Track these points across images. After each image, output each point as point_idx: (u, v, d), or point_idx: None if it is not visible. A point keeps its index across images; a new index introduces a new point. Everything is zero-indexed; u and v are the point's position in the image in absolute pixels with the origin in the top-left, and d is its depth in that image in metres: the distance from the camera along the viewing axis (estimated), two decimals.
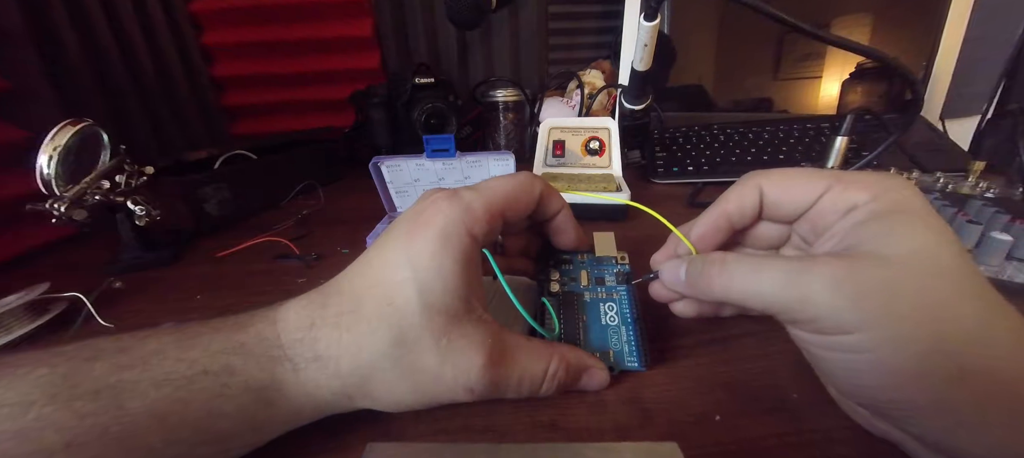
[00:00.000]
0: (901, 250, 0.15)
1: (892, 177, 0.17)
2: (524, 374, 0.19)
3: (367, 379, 0.17)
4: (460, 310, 0.17)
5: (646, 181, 0.54)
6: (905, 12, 0.58)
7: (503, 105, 0.67)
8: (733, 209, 0.20)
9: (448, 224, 0.18)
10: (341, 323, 0.17)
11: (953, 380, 0.13)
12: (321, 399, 0.17)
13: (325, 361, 0.17)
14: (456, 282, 0.17)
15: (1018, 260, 0.26)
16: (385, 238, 0.19)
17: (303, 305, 0.18)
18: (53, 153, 0.31)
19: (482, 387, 0.18)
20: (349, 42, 0.68)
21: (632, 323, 0.22)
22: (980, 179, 0.36)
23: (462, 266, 0.18)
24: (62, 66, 0.49)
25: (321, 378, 0.17)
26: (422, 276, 0.17)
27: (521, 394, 0.19)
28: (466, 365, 0.17)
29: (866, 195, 0.17)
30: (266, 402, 0.17)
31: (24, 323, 0.28)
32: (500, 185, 0.20)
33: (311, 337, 0.17)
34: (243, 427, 0.17)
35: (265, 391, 0.17)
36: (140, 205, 0.36)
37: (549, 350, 0.19)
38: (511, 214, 0.20)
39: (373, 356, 0.17)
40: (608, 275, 0.25)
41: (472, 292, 0.18)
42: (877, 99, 0.61)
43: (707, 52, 0.65)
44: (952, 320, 0.14)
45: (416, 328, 0.17)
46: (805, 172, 0.19)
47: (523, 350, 0.19)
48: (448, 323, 0.17)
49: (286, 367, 0.17)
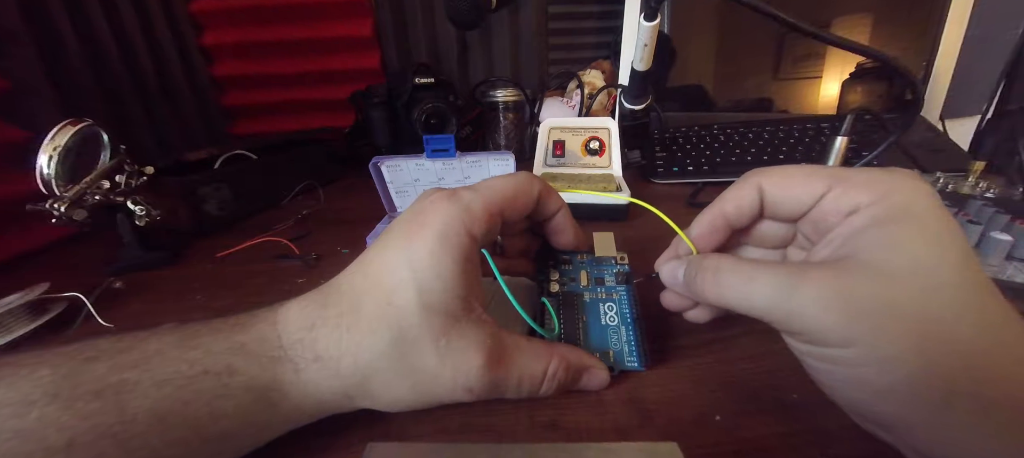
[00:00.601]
0: (898, 263, 0.14)
1: (898, 176, 0.16)
2: (523, 374, 0.19)
3: (367, 379, 0.17)
4: (459, 310, 0.17)
5: (646, 181, 0.54)
6: (905, 12, 0.58)
7: (503, 105, 0.67)
8: (731, 209, 0.20)
9: (447, 224, 0.18)
10: (342, 324, 0.17)
11: (943, 402, 0.13)
12: (321, 399, 0.18)
13: (326, 361, 0.17)
14: (455, 282, 0.17)
15: (1018, 260, 0.26)
16: (384, 238, 0.19)
17: (304, 306, 0.18)
18: (53, 153, 0.31)
19: (481, 387, 0.18)
20: (349, 42, 0.68)
21: (632, 323, 0.22)
22: (980, 179, 0.36)
23: (461, 266, 0.18)
24: (62, 66, 0.49)
25: (322, 378, 0.17)
26: (421, 276, 0.17)
27: (521, 394, 0.19)
28: (465, 365, 0.17)
29: (868, 197, 0.16)
30: (267, 402, 0.17)
31: (24, 323, 0.28)
32: (499, 185, 0.20)
33: (312, 338, 0.17)
34: (244, 427, 0.17)
35: (266, 391, 0.17)
36: (140, 205, 0.36)
37: (549, 350, 0.19)
38: (510, 214, 0.20)
39: (373, 356, 0.17)
40: (608, 275, 0.25)
41: (471, 292, 0.18)
42: (877, 99, 0.61)
43: (707, 52, 0.65)
44: (946, 341, 0.13)
45: (415, 328, 0.17)
46: (806, 170, 0.18)
47: (522, 350, 0.19)
48: (447, 323, 0.17)
49: (287, 368, 0.17)
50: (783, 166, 0.19)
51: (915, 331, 0.13)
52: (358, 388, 0.17)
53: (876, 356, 0.14)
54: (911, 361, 0.13)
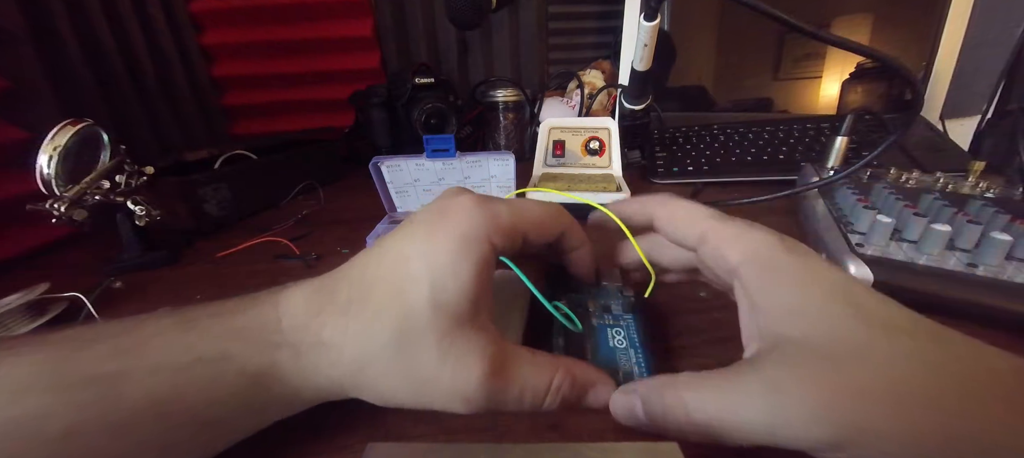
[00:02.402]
0: (788, 334, 0.16)
1: (754, 229, 0.18)
2: (526, 387, 0.18)
3: (364, 369, 0.17)
4: (468, 315, 0.17)
5: (646, 181, 0.54)
6: (905, 12, 0.58)
7: (503, 105, 0.67)
8: (629, 213, 0.23)
9: (472, 228, 0.18)
10: (350, 310, 0.17)
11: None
12: (318, 386, 0.17)
13: (328, 348, 0.17)
14: (470, 286, 0.17)
15: (1018, 260, 0.26)
16: (403, 231, 0.19)
17: (314, 290, 0.18)
18: (53, 153, 0.31)
19: (479, 397, 0.17)
20: (349, 42, 0.69)
21: (640, 346, 0.22)
22: (980, 179, 0.36)
23: (478, 271, 0.17)
24: (62, 66, 0.49)
25: (321, 364, 0.17)
26: (437, 273, 0.17)
27: (522, 407, 0.18)
28: (465, 372, 0.17)
29: (736, 255, 0.18)
30: (263, 388, 0.17)
31: (24, 323, 0.28)
32: (530, 207, 0.21)
33: (318, 323, 0.17)
34: (239, 413, 0.17)
35: (262, 377, 0.16)
36: (140, 205, 0.36)
37: (554, 363, 0.19)
38: (533, 237, 0.20)
39: (375, 346, 0.17)
40: (615, 304, 0.25)
41: (482, 301, 0.18)
42: (877, 99, 0.61)
43: (707, 52, 0.65)
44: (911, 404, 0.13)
45: (421, 324, 0.16)
46: (689, 212, 0.21)
47: (527, 362, 0.18)
48: (454, 325, 0.17)
49: (286, 353, 0.17)
50: (677, 202, 0.21)
51: (890, 414, 0.13)
52: (355, 377, 0.17)
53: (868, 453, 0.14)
54: (899, 442, 0.13)
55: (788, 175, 0.46)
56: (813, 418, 0.14)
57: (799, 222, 0.38)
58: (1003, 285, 0.24)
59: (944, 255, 0.26)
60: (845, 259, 0.27)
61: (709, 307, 0.26)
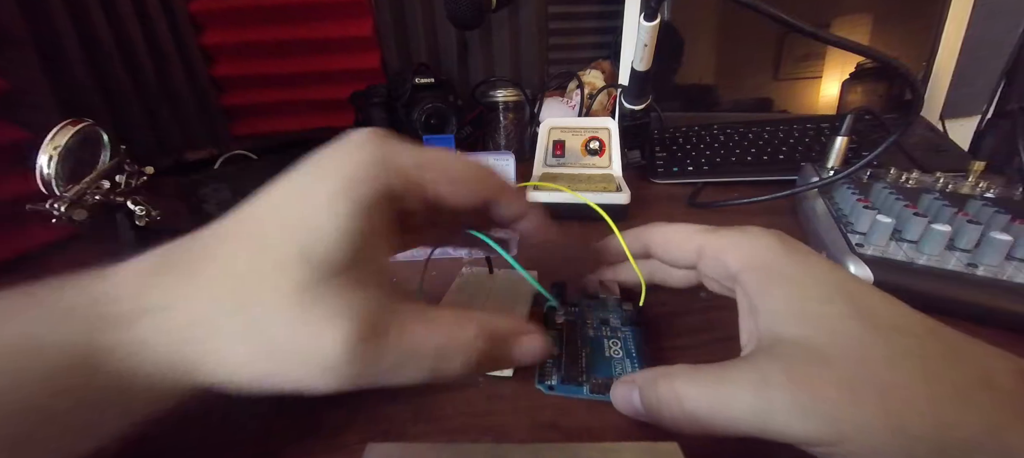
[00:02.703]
0: (785, 334, 0.16)
1: (750, 235, 0.19)
2: (415, 351, 0.15)
3: (201, 337, 0.14)
4: (342, 265, 0.14)
5: (646, 181, 0.54)
6: (905, 12, 0.58)
7: (503, 105, 0.67)
8: (631, 246, 0.23)
9: (361, 166, 0.15)
10: (192, 267, 0.14)
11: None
12: (155, 363, 0.14)
13: (153, 313, 0.14)
14: (348, 231, 0.14)
15: (1018, 260, 0.26)
16: (286, 174, 0.16)
17: (165, 251, 0.15)
18: (53, 153, 0.31)
19: (343, 365, 0.13)
20: (349, 42, 0.68)
21: (638, 357, 0.22)
22: (980, 179, 0.36)
23: (362, 213, 0.14)
24: (62, 66, 0.49)
25: (148, 334, 0.14)
26: (309, 216, 0.14)
27: (412, 377, 0.15)
28: (329, 334, 0.13)
29: (736, 263, 0.18)
30: (95, 370, 0.13)
31: None
32: (446, 157, 0.17)
33: (150, 284, 0.14)
34: (83, 404, 0.14)
35: (92, 357, 0.13)
36: (140, 205, 0.36)
37: (461, 319, 0.16)
38: (447, 193, 0.17)
39: (211, 304, 0.14)
40: (614, 317, 0.25)
41: (367, 250, 0.15)
42: (877, 99, 0.61)
43: (707, 52, 0.65)
44: (907, 402, 0.13)
45: (276, 274, 0.13)
46: (681, 232, 0.21)
47: (421, 321, 0.15)
48: (319, 277, 0.13)
49: (107, 324, 0.14)
50: (665, 225, 0.22)
51: (880, 410, 0.13)
52: (193, 347, 0.14)
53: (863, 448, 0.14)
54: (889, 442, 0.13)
55: (788, 175, 0.46)
56: (803, 413, 0.14)
57: (799, 222, 0.38)
58: (1003, 285, 0.24)
59: (944, 255, 0.26)
60: (845, 259, 0.27)
61: (709, 307, 0.26)
